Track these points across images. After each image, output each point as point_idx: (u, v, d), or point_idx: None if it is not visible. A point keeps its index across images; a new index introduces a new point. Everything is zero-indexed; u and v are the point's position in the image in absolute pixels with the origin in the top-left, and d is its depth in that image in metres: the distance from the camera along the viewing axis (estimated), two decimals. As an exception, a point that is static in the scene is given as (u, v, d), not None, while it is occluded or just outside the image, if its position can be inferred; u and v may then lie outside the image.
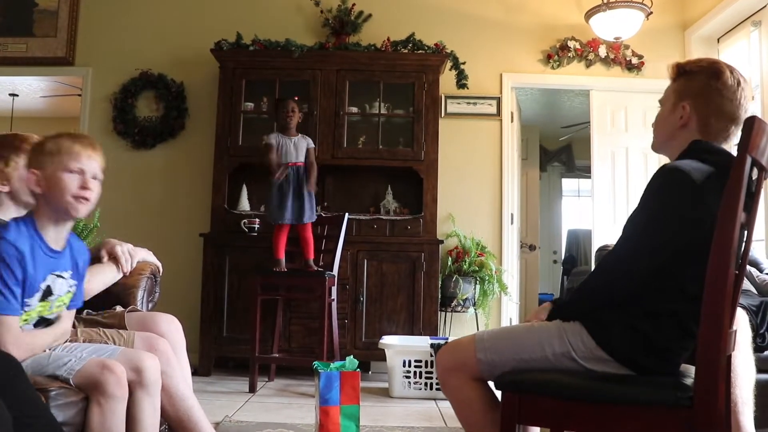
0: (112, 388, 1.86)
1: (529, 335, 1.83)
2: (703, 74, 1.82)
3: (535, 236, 7.70)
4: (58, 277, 1.99)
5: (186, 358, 2.44)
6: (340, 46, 5.13)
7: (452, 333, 5.06)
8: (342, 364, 3.44)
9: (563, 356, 1.75)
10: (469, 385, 1.87)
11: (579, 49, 5.36)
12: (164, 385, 2.17)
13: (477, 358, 1.83)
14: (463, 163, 5.31)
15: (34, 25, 5.62)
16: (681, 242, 1.67)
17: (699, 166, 1.69)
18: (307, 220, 4.28)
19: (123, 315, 2.42)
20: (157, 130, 5.42)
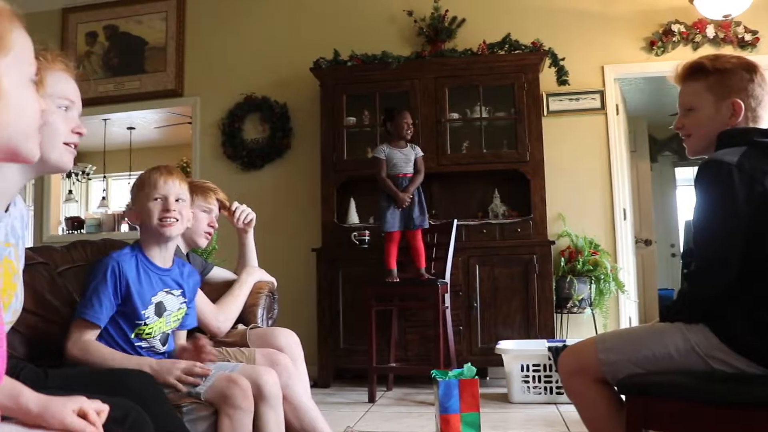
0: (239, 400, 1.96)
1: (650, 333, 1.80)
2: (740, 70, 1.85)
3: (650, 230, 7.41)
4: (168, 294, 2.12)
5: (305, 371, 2.51)
6: (436, 54, 5.14)
7: (569, 335, 4.94)
8: (460, 372, 3.43)
9: (688, 352, 1.69)
10: (593, 387, 1.85)
11: (684, 32, 5.13)
12: (288, 398, 2.25)
13: (599, 359, 1.80)
14: (569, 160, 5.19)
15: (146, 62, 5.97)
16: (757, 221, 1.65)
17: (731, 150, 1.72)
18: (416, 226, 4.30)
19: (245, 333, 2.52)
20: (264, 151, 5.60)
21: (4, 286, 1.36)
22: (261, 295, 2.81)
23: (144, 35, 6.03)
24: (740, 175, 1.65)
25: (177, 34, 5.93)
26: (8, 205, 1.42)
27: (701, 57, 1.96)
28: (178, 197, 2.15)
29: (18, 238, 1.47)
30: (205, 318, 2.44)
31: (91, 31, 6.13)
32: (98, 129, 8.15)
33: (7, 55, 0.94)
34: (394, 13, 5.49)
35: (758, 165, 1.67)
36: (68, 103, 1.54)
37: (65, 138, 1.49)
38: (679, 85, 1.97)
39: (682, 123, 1.93)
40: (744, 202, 1.65)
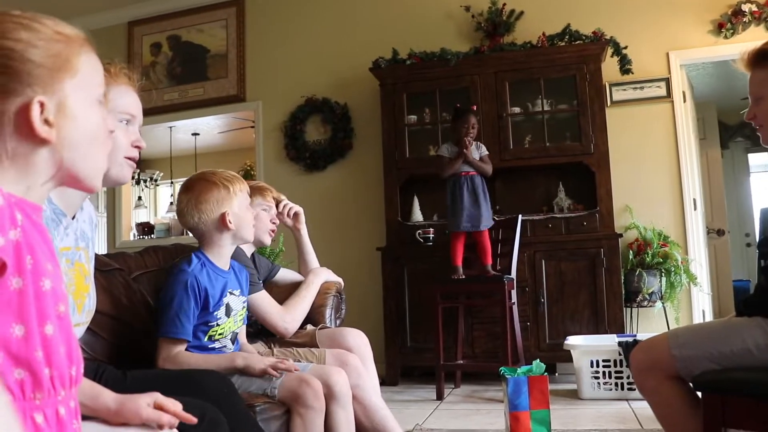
0: (311, 400, 2.00)
1: (727, 328, 1.75)
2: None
3: (722, 220, 7.19)
4: (231, 294, 2.17)
5: (374, 370, 2.53)
6: (495, 48, 5.10)
7: (640, 329, 4.84)
8: (529, 369, 3.40)
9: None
10: (667, 384, 1.80)
11: (756, 12, 4.92)
12: (358, 397, 2.27)
13: (672, 355, 1.76)
14: (635, 151, 5.07)
15: (208, 70, 6.11)
16: None
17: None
18: (484, 226, 4.29)
19: (314, 333, 2.56)
20: (326, 152, 5.66)
21: (77, 288, 1.42)
22: (329, 295, 2.84)
23: (205, 43, 6.17)
24: None
25: (237, 41, 6.05)
26: (75, 213, 1.48)
27: (763, 44, 1.85)
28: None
29: (88, 240, 1.53)
30: (272, 319, 2.48)
31: (156, 42, 6.32)
32: (164, 136, 8.39)
33: (74, 77, 0.97)
34: (451, 9, 5.47)
35: None
36: (129, 117, 1.58)
37: (126, 152, 1.53)
38: (747, 72, 1.87)
39: (754, 113, 1.85)
40: None
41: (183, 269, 2.07)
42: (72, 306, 1.38)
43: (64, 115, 0.96)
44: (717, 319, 1.80)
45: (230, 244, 2.19)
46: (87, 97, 1.00)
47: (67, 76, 0.96)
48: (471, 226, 4.28)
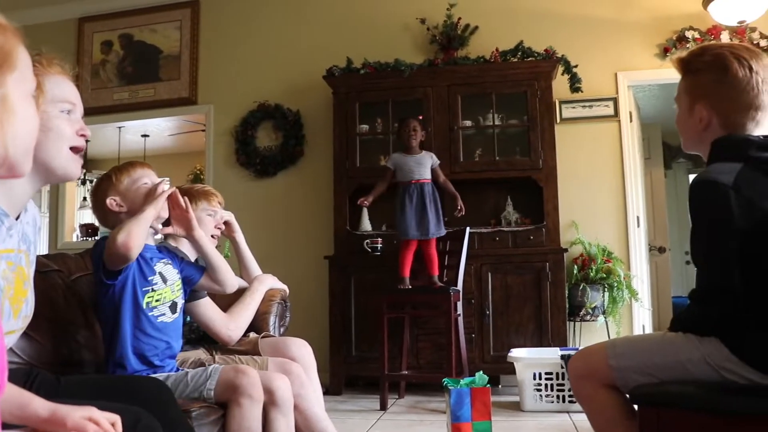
0: (249, 389, 1.99)
1: (662, 342, 1.78)
2: (709, 71, 1.73)
3: (664, 238, 7.36)
4: (165, 265, 2.20)
5: (318, 380, 2.51)
6: (449, 61, 5.14)
7: (582, 343, 4.91)
8: (472, 380, 3.42)
9: (700, 362, 1.67)
10: (602, 392, 1.83)
11: (698, 39, 5.09)
12: (299, 407, 2.26)
13: (609, 365, 1.78)
14: (582, 168, 5.18)
15: (160, 71, 6.02)
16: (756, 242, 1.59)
17: (725, 167, 1.62)
18: (432, 235, 4.30)
19: (257, 341, 2.53)
20: (277, 158, 5.63)
21: (15, 293, 1.38)
22: (273, 302, 2.82)
23: (158, 44, 6.08)
24: (737, 198, 1.58)
25: (191, 43, 5.98)
26: (18, 213, 1.43)
27: (690, 50, 1.86)
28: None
29: (29, 243, 1.48)
30: (216, 326, 2.44)
31: (107, 40, 6.20)
32: (113, 136, 8.22)
33: (14, 71, 0.96)
34: (407, 20, 5.51)
35: (757, 185, 1.59)
36: (70, 107, 1.53)
37: (71, 141, 1.49)
38: None
39: (676, 119, 1.89)
40: (742, 226, 1.59)
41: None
42: (8, 312, 1.33)
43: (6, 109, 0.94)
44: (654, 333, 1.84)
45: None
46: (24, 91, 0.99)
47: (8, 71, 0.94)
48: (419, 234, 4.29)
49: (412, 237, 4.30)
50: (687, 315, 1.76)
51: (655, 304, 6.64)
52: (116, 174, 2.21)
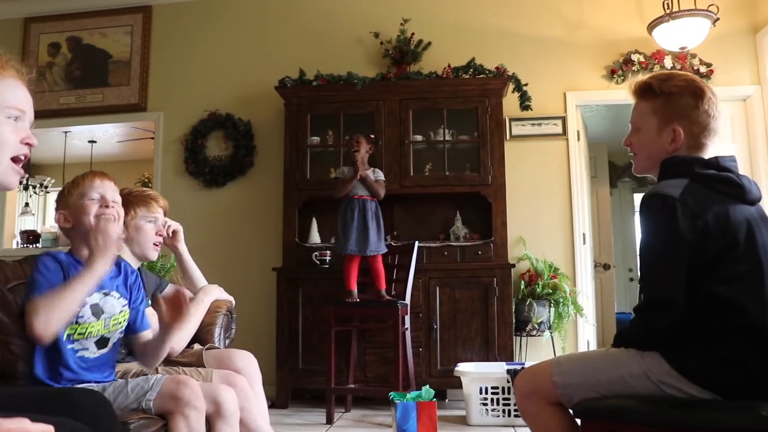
0: (192, 400, 1.94)
1: (605, 357, 1.82)
2: (686, 95, 1.83)
3: (609, 255, 7.52)
4: (106, 296, 2.08)
5: (262, 393, 2.48)
6: (402, 76, 5.18)
7: (528, 358, 4.97)
8: (418, 394, 3.43)
9: (640, 377, 1.71)
10: (548, 410, 1.86)
11: (643, 62, 5.25)
12: (243, 420, 2.22)
13: (553, 382, 1.82)
14: (531, 184, 5.26)
15: (109, 76, 5.90)
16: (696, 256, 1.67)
17: (673, 182, 1.73)
18: (371, 252, 4.29)
19: (201, 353, 2.49)
20: (227, 168, 5.57)
21: None
22: (218, 314, 2.78)
23: (108, 48, 5.96)
24: (683, 210, 1.67)
25: (142, 49, 5.88)
26: None
27: (653, 75, 1.95)
28: (114, 198, 2.14)
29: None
30: None
31: (54, 42, 6.06)
32: (58, 141, 8.02)
33: None
34: (361, 34, 5.53)
35: (701, 199, 1.69)
36: (18, 113, 1.48)
37: (14, 150, 1.43)
38: (633, 100, 1.98)
39: (630, 141, 1.96)
40: (687, 236, 1.67)
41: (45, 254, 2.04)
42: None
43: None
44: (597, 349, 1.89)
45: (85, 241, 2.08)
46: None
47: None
48: (357, 250, 4.29)
49: (350, 252, 4.29)
50: (630, 329, 1.81)
51: (599, 319, 6.77)
52: (69, 185, 2.15)
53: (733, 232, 1.69)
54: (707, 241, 1.67)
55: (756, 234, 1.72)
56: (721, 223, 1.68)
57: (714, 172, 1.77)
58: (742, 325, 1.65)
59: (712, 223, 1.67)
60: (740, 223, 1.71)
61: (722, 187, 1.75)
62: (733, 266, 1.67)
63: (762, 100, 5.15)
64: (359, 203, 4.32)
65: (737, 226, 1.70)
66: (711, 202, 1.70)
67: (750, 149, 5.18)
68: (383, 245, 4.37)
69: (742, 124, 5.28)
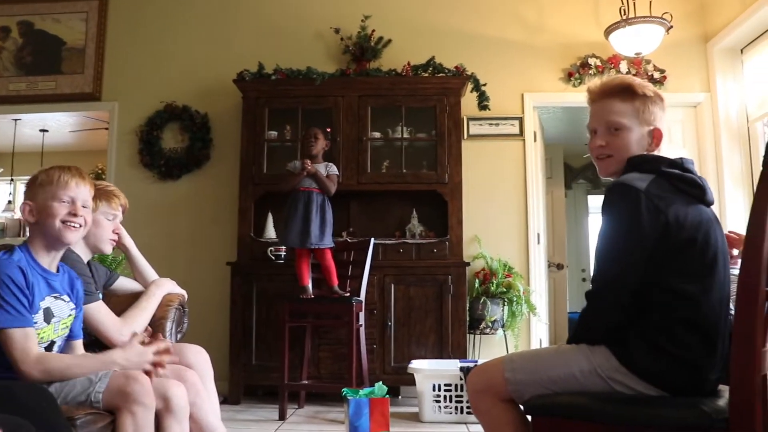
0: (141, 396, 1.91)
1: (556, 354, 1.85)
2: (658, 101, 1.91)
3: (562, 255, 7.62)
4: (56, 299, 2.05)
5: (214, 389, 2.46)
6: (361, 72, 5.17)
7: (481, 355, 5.02)
8: (371, 391, 3.43)
9: (590, 374, 1.75)
10: (499, 406, 1.87)
11: (600, 66, 5.35)
12: (194, 416, 2.20)
13: (505, 378, 1.84)
14: (487, 184, 5.30)
15: (63, 63, 5.76)
16: (654, 249, 1.71)
17: (639, 176, 1.77)
18: (313, 245, 4.25)
19: (152, 347, 2.44)
20: (182, 161, 5.49)
21: None
22: (171, 308, 2.73)
23: (62, 35, 5.82)
24: (647, 203, 1.71)
25: (97, 36, 5.75)
26: None
27: (626, 77, 1.97)
28: (85, 203, 2.09)
29: None
30: (107, 331, 2.34)
31: (4, 25, 5.88)
32: (7, 129, 7.84)
33: None
34: (322, 29, 5.51)
35: (664, 195, 1.73)
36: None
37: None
38: (597, 100, 1.95)
39: (606, 141, 1.92)
40: (648, 229, 1.70)
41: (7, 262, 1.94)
42: None
43: None
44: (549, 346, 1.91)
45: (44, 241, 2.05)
46: None
47: None
48: (298, 242, 4.26)
49: (291, 245, 4.27)
50: (579, 322, 1.84)
51: (552, 318, 6.87)
52: (42, 178, 2.08)
53: (691, 230, 1.73)
54: (666, 236, 1.71)
55: (711, 234, 1.77)
56: (680, 219, 1.72)
57: (679, 172, 1.82)
58: (692, 320, 1.69)
59: (672, 219, 1.71)
60: (698, 222, 1.75)
61: (685, 186, 1.80)
62: (688, 262, 1.72)
63: (711, 107, 5.28)
64: (305, 195, 4.29)
65: (695, 224, 1.75)
66: (673, 199, 1.75)
67: (699, 154, 5.30)
68: (328, 239, 4.31)
69: (692, 129, 5.40)
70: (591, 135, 1.98)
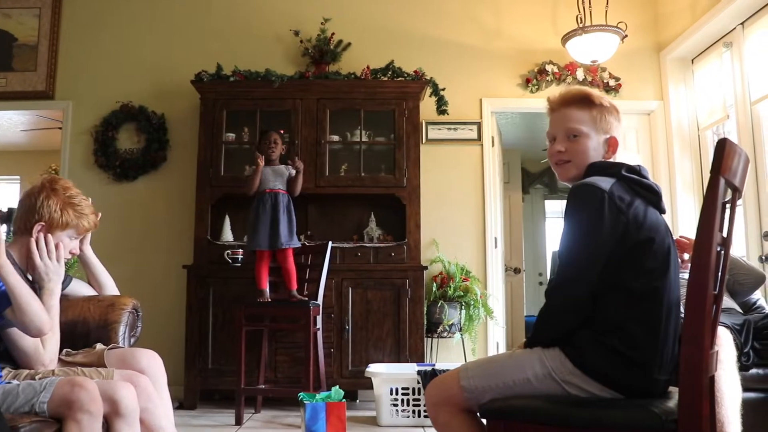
0: (87, 404, 1.86)
1: (510, 360, 1.87)
2: (614, 112, 1.98)
3: (519, 259, 7.71)
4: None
5: (167, 394, 2.41)
6: (320, 75, 5.16)
7: (439, 359, 5.04)
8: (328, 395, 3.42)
9: (545, 377, 1.77)
10: (458, 417, 1.89)
11: (557, 73, 5.43)
12: (146, 422, 2.16)
13: (461, 386, 1.85)
14: (445, 188, 5.33)
15: (14, 60, 5.62)
16: (613, 249, 1.75)
17: (602, 179, 1.82)
18: (283, 245, 4.23)
19: (102, 353, 2.39)
20: (138, 162, 5.40)
21: None
22: (124, 311, 2.68)
23: (13, 30, 5.68)
24: (610, 203, 1.75)
25: (50, 33, 5.63)
26: None
27: (584, 88, 2.05)
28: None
29: None
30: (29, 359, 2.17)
31: (-50, 19, 5.72)
32: (-45, 127, 7.62)
33: None
34: (281, 32, 5.48)
35: (625, 198, 1.78)
36: None
37: None
38: (557, 109, 2.01)
39: (565, 147, 1.97)
40: (609, 229, 1.74)
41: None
42: None
43: None
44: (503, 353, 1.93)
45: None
46: None
47: None
48: (268, 245, 4.24)
49: (261, 248, 4.25)
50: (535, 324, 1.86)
51: (509, 322, 6.94)
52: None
53: (649, 231, 1.78)
54: (626, 236, 1.75)
55: (665, 237, 1.82)
56: (639, 220, 1.77)
57: (638, 177, 1.87)
58: (642, 319, 1.73)
59: (632, 219, 1.76)
60: (656, 224, 1.81)
61: (643, 191, 1.85)
62: (644, 261, 1.76)
63: (664, 115, 5.40)
64: (271, 197, 4.28)
65: (654, 225, 1.80)
66: (633, 201, 1.80)
67: (653, 160, 5.42)
68: (295, 239, 4.33)
69: (646, 136, 5.52)
70: (550, 142, 2.03)
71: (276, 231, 4.22)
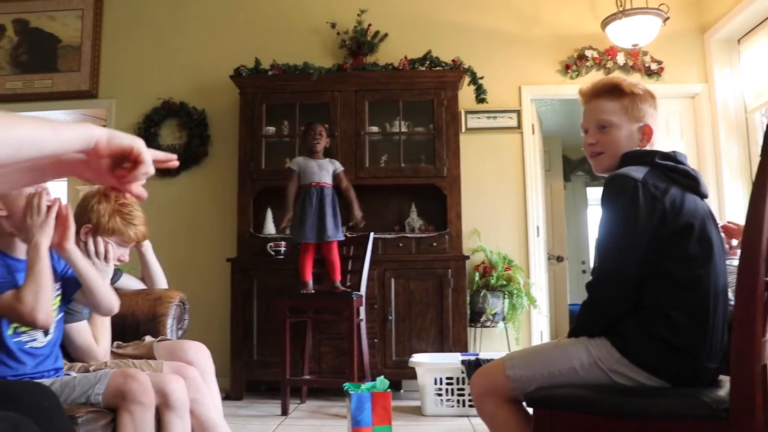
0: (139, 395, 1.91)
1: (556, 349, 1.86)
2: (648, 97, 1.96)
3: (561, 247, 7.63)
4: None
5: (216, 385, 2.45)
6: (358, 67, 5.16)
7: (482, 348, 5.03)
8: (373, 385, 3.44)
9: (591, 366, 1.75)
10: (504, 408, 1.88)
11: (597, 58, 5.34)
12: (195, 412, 2.20)
13: (507, 375, 1.84)
14: (485, 177, 5.30)
15: (59, 61, 5.75)
16: (653, 236, 1.73)
17: (636, 168, 1.81)
18: (330, 238, 4.26)
19: (151, 345, 2.45)
20: (180, 158, 5.43)
21: None
22: (171, 305, 2.74)
23: (57, 32, 5.81)
24: (644, 192, 1.73)
25: (93, 33, 5.74)
26: None
27: (615, 77, 2.03)
28: None
29: None
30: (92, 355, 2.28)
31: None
32: (5, 128, 7.80)
33: None
34: (318, 24, 5.50)
35: (660, 185, 1.76)
36: None
37: None
38: (588, 101, 2.01)
39: (596, 139, 1.97)
40: (645, 218, 1.72)
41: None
42: None
43: None
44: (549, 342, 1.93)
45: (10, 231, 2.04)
46: None
47: None
48: (316, 237, 4.27)
49: (308, 240, 4.27)
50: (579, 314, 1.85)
51: (552, 311, 6.87)
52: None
53: (687, 216, 1.76)
54: (663, 223, 1.73)
55: (707, 222, 1.79)
56: (676, 206, 1.75)
57: (672, 164, 1.84)
58: (688, 307, 1.70)
59: (668, 206, 1.74)
60: (695, 210, 1.78)
61: (679, 177, 1.83)
62: (686, 247, 1.73)
63: (709, 98, 5.28)
64: (317, 190, 4.30)
65: (692, 211, 1.77)
66: (669, 187, 1.78)
67: (698, 145, 5.30)
68: (340, 232, 4.35)
69: (690, 120, 5.40)
70: (584, 134, 2.03)
71: (323, 224, 4.25)
